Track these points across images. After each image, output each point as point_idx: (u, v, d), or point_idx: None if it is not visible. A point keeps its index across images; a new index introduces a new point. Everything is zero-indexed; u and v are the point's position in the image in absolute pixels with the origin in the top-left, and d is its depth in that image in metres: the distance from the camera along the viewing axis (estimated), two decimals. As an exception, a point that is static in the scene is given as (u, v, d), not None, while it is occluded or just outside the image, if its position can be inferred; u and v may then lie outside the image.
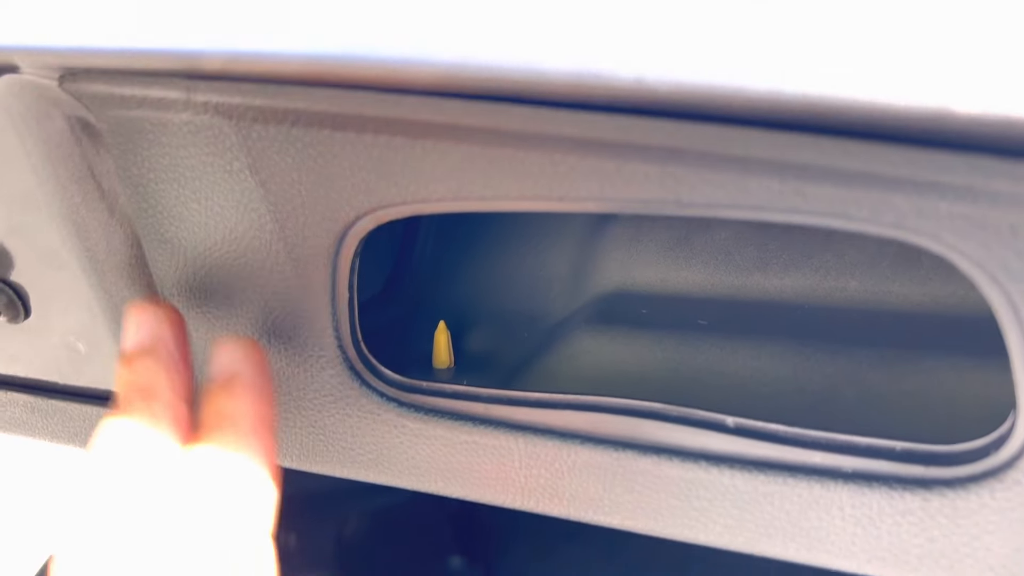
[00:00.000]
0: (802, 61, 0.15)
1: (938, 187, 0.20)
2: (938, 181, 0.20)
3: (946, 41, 0.16)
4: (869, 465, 0.25)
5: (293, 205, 0.28)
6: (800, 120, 0.19)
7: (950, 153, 0.19)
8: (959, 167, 0.19)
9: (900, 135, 0.19)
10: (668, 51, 0.14)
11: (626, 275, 0.37)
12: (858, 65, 0.15)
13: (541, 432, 0.29)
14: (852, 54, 0.15)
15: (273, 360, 0.32)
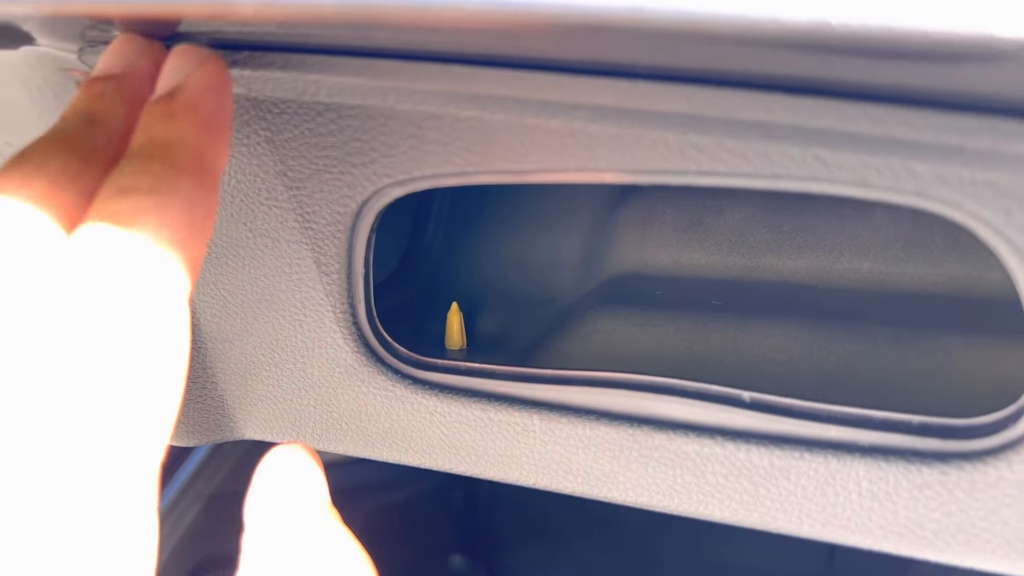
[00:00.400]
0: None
1: (961, 152, 0.20)
2: (961, 145, 0.20)
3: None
4: (886, 439, 0.25)
5: (310, 179, 0.28)
6: (820, 83, 0.19)
7: (973, 116, 0.19)
8: (982, 131, 0.19)
9: (922, 98, 0.19)
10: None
11: (639, 257, 0.37)
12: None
13: (556, 408, 0.29)
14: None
15: (286, 336, 0.32)
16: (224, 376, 0.35)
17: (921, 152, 0.20)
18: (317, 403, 0.33)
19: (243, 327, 0.33)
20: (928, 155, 0.20)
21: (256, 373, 0.34)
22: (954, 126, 0.19)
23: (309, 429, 0.34)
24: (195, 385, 0.35)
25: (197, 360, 0.35)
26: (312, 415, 0.34)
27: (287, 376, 0.33)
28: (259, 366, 0.34)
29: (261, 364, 0.33)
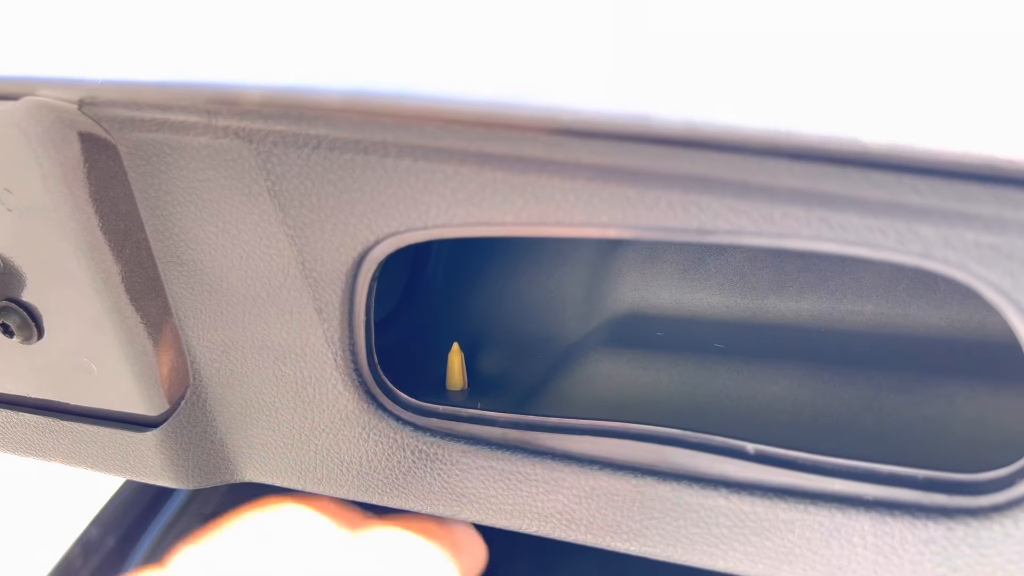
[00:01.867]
0: (830, 104, 0.15)
1: (965, 217, 0.20)
2: (965, 211, 0.20)
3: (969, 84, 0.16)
4: (891, 493, 0.25)
5: (311, 228, 0.28)
6: (826, 153, 0.19)
7: (978, 184, 0.19)
8: (987, 198, 0.19)
9: (927, 167, 0.19)
10: (690, 92, 0.14)
11: (641, 297, 0.37)
12: (880, 107, 0.15)
13: (558, 457, 0.29)
14: (869, 94, 0.15)
15: (287, 382, 0.32)
16: (225, 420, 0.35)
17: (926, 216, 0.20)
18: (318, 448, 0.33)
19: (244, 372, 0.33)
20: (933, 219, 0.20)
21: (256, 417, 0.34)
22: (959, 193, 0.19)
23: (310, 473, 0.34)
24: (196, 429, 0.35)
25: (197, 404, 0.34)
26: (313, 460, 0.34)
27: (287, 421, 0.33)
28: (260, 411, 0.33)
29: (262, 409, 0.33)
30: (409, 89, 0.13)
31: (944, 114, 0.15)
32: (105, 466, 0.38)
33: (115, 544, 0.78)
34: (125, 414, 0.36)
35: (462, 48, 0.14)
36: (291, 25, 0.14)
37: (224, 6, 0.16)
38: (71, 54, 0.17)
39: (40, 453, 0.39)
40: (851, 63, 0.16)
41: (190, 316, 0.32)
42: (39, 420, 0.38)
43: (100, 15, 0.17)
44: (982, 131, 0.14)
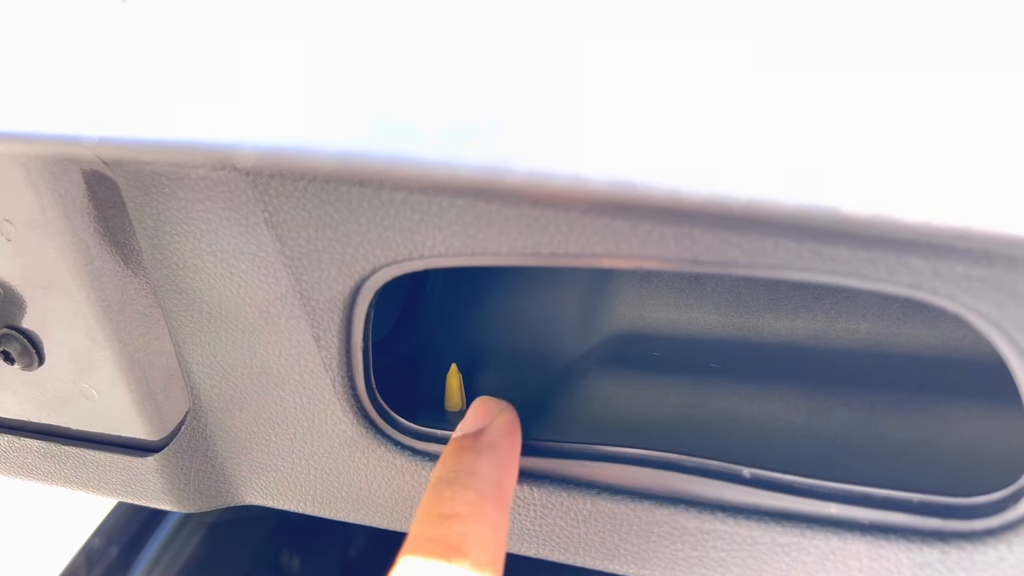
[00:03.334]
0: (832, 170, 0.15)
1: (955, 250, 0.20)
2: (955, 245, 0.20)
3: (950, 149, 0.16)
4: (886, 517, 0.26)
5: (309, 258, 0.28)
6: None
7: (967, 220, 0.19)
8: (976, 233, 0.19)
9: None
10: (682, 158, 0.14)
11: (637, 316, 0.38)
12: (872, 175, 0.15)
13: (556, 482, 0.29)
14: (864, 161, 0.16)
15: (286, 408, 0.32)
16: (224, 445, 0.35)
17: (916, 249, 0.20)
18: (317, 472, 0.33)
19: (243, 398, 0.33)
20: (923, 252, 0.20)
21: (256, 442, 0.34)
22: (949, 227, 0.20)
23: (310, 497, 0.34)
24: (196, 453, 0.35)
25: (197, 428, 0.35)
26: (312, 483, 0.34)
27: (287, 446, 0.33)
28: (259, 436, 0.34)
29: (261, 434, 0.34)
30: (403, 151, 0.13)
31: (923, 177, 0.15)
32: (106, 490, 0.38)
33: (118, 554, 0.78)
34: (126, 439, 0.36)
35: (449, 103, 0.14)
36: (287, 75, 0.15)
37: (219, 56, 0.16)
38: (68, 102, 0.18)
39: (41, 477, 0.39)
40: (829, 122, 0.16)
41: (189, 343, 0.32)
42: (40, 445, 0.38)
43: (95, 65, 0.17)
44: (964, 199, 0.15)
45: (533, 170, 0.13)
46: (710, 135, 0.15)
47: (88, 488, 0.38)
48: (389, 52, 0.15)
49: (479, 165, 0.13)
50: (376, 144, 0.13)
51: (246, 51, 0.15)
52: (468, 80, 0.14)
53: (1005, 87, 0.18)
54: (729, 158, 0.14)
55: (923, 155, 0.17)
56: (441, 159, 0.13)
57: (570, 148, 0.13)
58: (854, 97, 0.17)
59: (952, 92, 0.18)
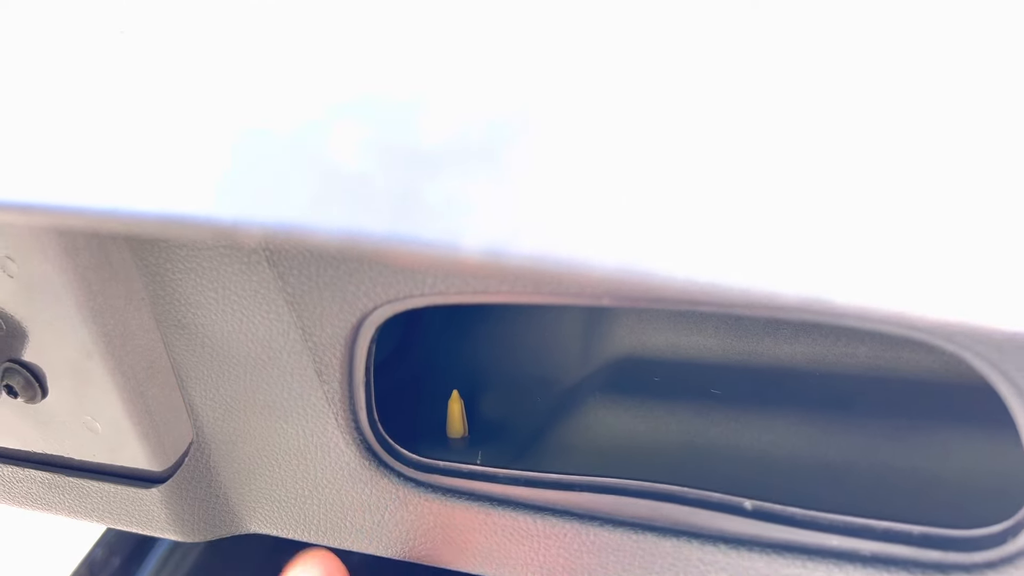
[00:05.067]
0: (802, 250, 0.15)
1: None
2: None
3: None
4: (887, 549, 0.26)
5: (310, 296, 0.28)
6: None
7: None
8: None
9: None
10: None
11: (637, 340, 0.38)
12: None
13: (559, 513, 0.29)
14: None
15: (289, 440, 0.32)
16: (228, 475, 0.35)
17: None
18: (320, 502, 0.33)
19: (246, 430, 0.33)
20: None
21: (260, 473, 0.34)
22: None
23: (313, 527, 0.34)
24: (200, 484, 0.35)
25: (201, 460, 0.35)
26: (316, 513, 0.34)
27: (290, 477, 0.33)
28: (262, 467, 0.34)
29: (264, 465, 0.34)
30: (404, 234, 0.13)
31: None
32: (111, 520, 0.38)
33: (120, 564, 0.78)
34: (130, 469, 0.37)
35: (449, 173, 0.14)
36: (292, 144, 0.15)
37: (223, 117, 0.16)
38: (63, 166, 0.18)
39: (46, 507, 0.40)
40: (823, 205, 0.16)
41: (191, 376, 0.33)
42: (44, 476, 0.38)
43: (95, 127, 0.17)
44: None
45: (535, 254, 0.13)
46: (719, 212, 0.15)
47: (92, 518, 0.38)
48: (392, 128, 0.15)
49: (481, 249, 0.13)
50: (382, 222, 0.13)
51: (252, 117, 0.15)
52: (469, 151, 0.14)
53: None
54: (739, 241, 0.14)
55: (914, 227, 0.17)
56: (444, 241, 0.13)
57: (573, 227, 0.14)
58: (861, 176, 0.17)
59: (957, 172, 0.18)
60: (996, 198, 0.16)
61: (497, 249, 0.13)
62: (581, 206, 0.14)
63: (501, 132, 0.15)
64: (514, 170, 0.14)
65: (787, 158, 0.16)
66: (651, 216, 0.14)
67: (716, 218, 0.14)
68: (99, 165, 0.16)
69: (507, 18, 0.18)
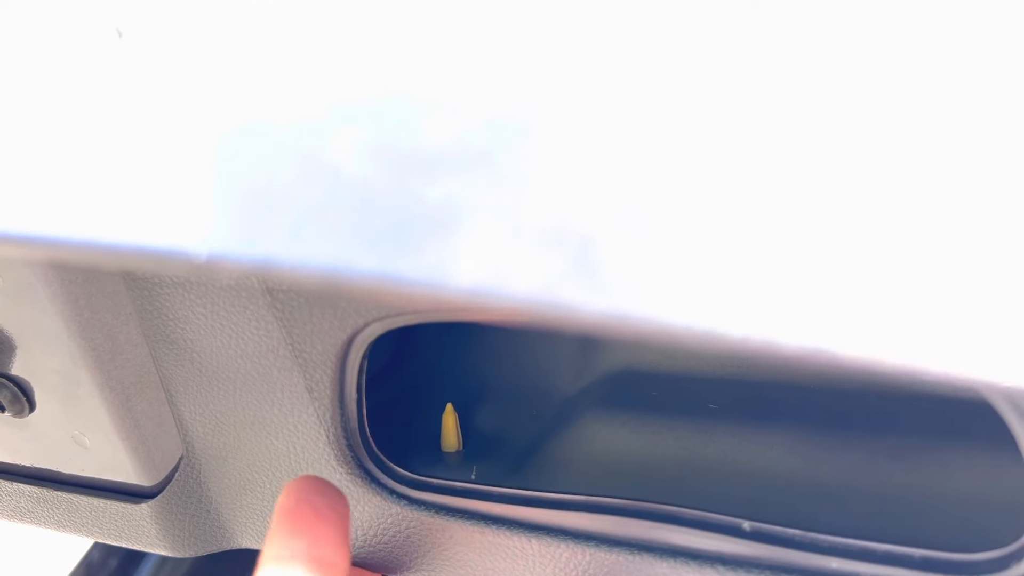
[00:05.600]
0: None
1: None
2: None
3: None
4: (888, 572, 0.25)
5: (300, 312, 0.28)
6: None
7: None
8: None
9: None
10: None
11: (633, 354, 0.37)
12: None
13: (554, 533, 0.29)
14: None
15: (280, 456, 0.32)
16: (218, 491, 0.34)
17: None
18: (313, 519, 0.33)
19: (236, 446, 0.32)
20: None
21: (250, 489, 0.34)
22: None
23: (306, 543, 0.34)
24: (190, 499, 0.35)
25: (191, 475, 0.34)
26: (308, 530, 0.33)
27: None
28: (253, 483, 0.33)
29: (255, 481, 0.33)
30: (390, 269, 0.13)
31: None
32: (100, 535, 0.38)
33: (117, 565, 0.78)
34: (119, 484, 0.36)
35: (440, 207, 0.14)
36: (280, 175, 0.14)
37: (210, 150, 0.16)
38: (45, 195, 0.17)
39: (35, 521, 0.39)
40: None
41: (181, 392, 0.32)
42: (33, 490, 0.38)
43: (82, 153, 0.16)
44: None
45: (530, 298, 0.13)
46: (722, 254, 0.14)
47: (82, 533, 0.38)
48: (381, 149, 0.14)
49: (468, 289, 0.13)
50: (361, 259, 0.13)
51: (231, 146, 0.15)
52: (460, 183, 0.14)
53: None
54: (744, 288, 0.13)
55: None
56: (429, 280, 0.13)
57: (565, 268, 0.13)
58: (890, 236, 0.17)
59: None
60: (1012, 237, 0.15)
61: (487, 290, 0.12)
62: (574, 245, 0.13)
63: (496, 145, 0.15)
64: (507, 204, 0.14)
65: (800, 190, 0.16)
66: (649, 257, 0.14)
67: (718, 262, 0.14)
68: (71, 194, 0.15)
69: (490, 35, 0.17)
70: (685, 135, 0.15)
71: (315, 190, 0.15)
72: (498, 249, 0.13)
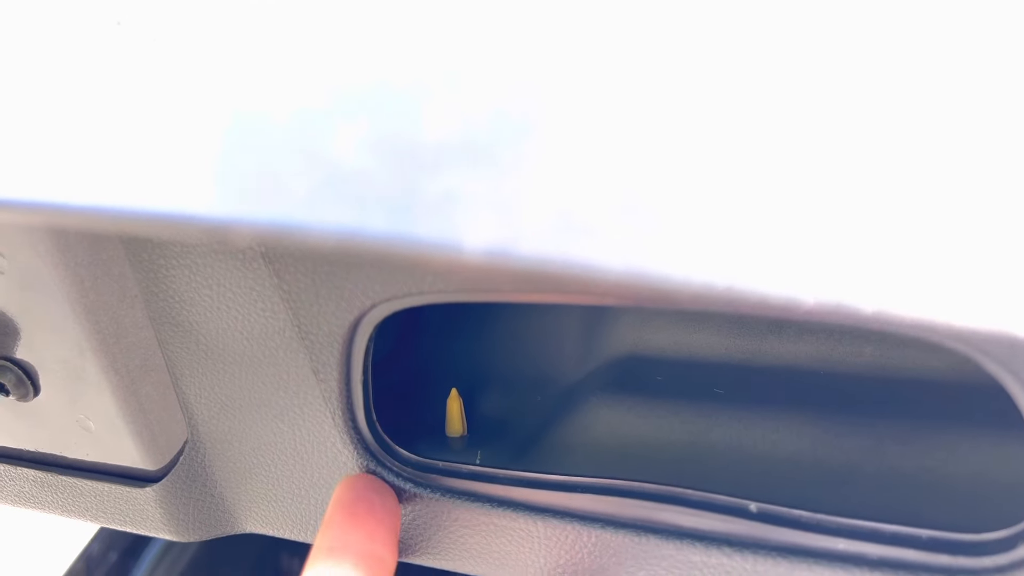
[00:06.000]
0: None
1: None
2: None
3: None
4: (895, 553, 0.25)
5: (307, 293, 0.27)
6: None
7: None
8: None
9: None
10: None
11: (639, 337, 0.37)
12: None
13: (560, 515, 0.29)
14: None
15: (285, 439, 0.32)
16: (223, 475, 0.34)
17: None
18: (317, 503, 0.33)
19: (242, 429, 0.32)
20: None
21: (255, 473, 0.34)
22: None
23: (310, 527, 0.34)
24: (195, 483, 0.35)
25: (196, 459, 0.34)
26: (313, 514, 0.33)
27: (287, 476, 0.33)
28: (258, 466, 0.33)
29: (260, 464, 0.33)
30: (404, 232, 0.13)
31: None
32: (104, 519, 0.38)
33: (117, 558, 0.78)
34: (124, 468, 0.36)
35: (450, 172, 0.14)
36: (288, 140, 0.14)
37: (219, 116, 0.16)
38: (56, 162, 0.17)
39: (38, 506, 0.39)
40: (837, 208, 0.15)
41: (186, 375, 0.32)
42: (37, 474, 0.38)
43: (86, 123, 0.16)
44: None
45: (539, 256, 0.13)
46: (733, 212, 0.14)
47: (86, 517, 0.38)
48: (395, 115, 0.14)
49: (483, 249, 0.13)
50: (376, 221, 0.13)
51: (245, 112, 0.14)
52: (471, 151, 0.14)
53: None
54: (752, 244, 0.14)
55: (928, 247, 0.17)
56: (444, 241, 0.13)
57: (575, 233, 0.13)
58: (883, 184, 0.17)
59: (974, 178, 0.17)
60: (1010, 200, 0.15)
61: (500, 249, 0.12)
62: (587, 204, 0.13)
63: (504, 128, 0.15)
64: (518, 167, 0.14)
65: (800, 158, 0.16)
66: (662, 215, 0.14)
67: (731, 219, 0.14)
68: (87, 161, 0.15)
69: (507, 15, 0.17)
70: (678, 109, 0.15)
71: (328, 158, 0.14)
72: (511, 209, 0.13)
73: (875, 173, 0.15)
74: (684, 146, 0.15)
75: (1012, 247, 0.15)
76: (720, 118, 0.16)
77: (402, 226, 0.13)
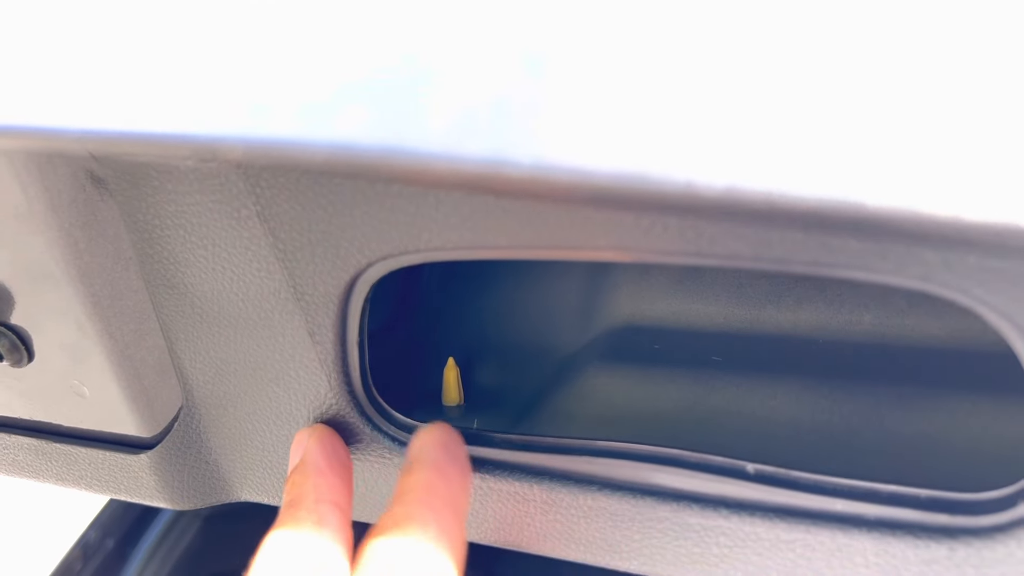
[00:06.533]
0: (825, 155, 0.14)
1: (968, 242, 0.19)
2: (968, 237, 0.19)
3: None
4: (893, 513, 0.25)
5: (302, 252, 0.27)
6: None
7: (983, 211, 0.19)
8: (991, 225, 0.19)
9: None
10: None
11: (636, 308, 0.37)
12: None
13: (557, 477, 0.29)
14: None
15: (282, 404, 0.32)
16: (218, 441, 0.34)
17: (927, 240, 0.20)
18: (313, 469, 0.33)
19: (237, 393, 0.32)
20: (934, 243, 0.20)
21: (251, 438, 0.33)
22: (963, 221, 0.19)
23: (306, 493, 0.34)
24: (189, 450, 0.35)
25: (190, 425, 0.34)
26: (309, 480, 0.33)
27: (282, 442, 0.33)
28: (254, 431, 0.33)
29: (255, 430, 0.33)
30: (397, 144, 0.12)
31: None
32: (99, 487, 0.37)
33: (114, 546, 0.78)
34: (118, 436, 0.36)
35: (447, 91, 0.13)
36: (277, 64, 0.14)
37: (208, 45, 0.15)
38: (52, 94, 0.17)
39: (33, 475, 0.39)
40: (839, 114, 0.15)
41: (181, 339, 0.32)
42: (31, 442, 0.37)
43: (79, 56, 0.16)
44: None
45: (537, 162, 0.13)
46: (716, 126, 0.14)
47: (80, 485, 0.38)
48: (383, 39, 0.14)
49: (479, 158, 0.13)
50: (369, 135, 0.13)
51: (238, 39, 0.14)
52: (467, 68, 0.13)
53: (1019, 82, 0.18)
54: (737, 150, 0.13)
55: (936, 146, 0.17)
56: (438, 151, 0.13)
57: (575, 139, 0.13)
58: (866, 90, 0.17)
59: (967, 86, 0.17)
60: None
61: (496, 159, 0.12)
62: (591, 113, 0.13)
63: (501, 54, 0.14)
64: (513, 80, 0.13)
65: (794, 74, 0.16)
66: (659, 122, 0.13)
67: (734, 126, 0.13)
68: (80, 85, 0.15)
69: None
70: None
71: (320, 74, 0.14)
72: (508, 121, 0.13)
73: (871, 87, 0.15)
74: (684, 63, 0.15)
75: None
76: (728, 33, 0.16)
77: (397, 139, 0.13)
